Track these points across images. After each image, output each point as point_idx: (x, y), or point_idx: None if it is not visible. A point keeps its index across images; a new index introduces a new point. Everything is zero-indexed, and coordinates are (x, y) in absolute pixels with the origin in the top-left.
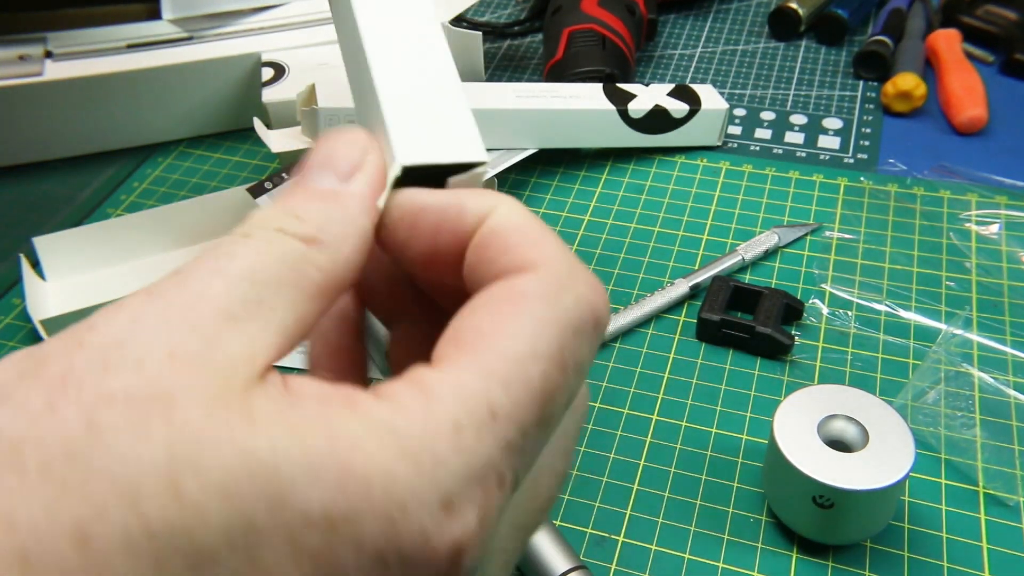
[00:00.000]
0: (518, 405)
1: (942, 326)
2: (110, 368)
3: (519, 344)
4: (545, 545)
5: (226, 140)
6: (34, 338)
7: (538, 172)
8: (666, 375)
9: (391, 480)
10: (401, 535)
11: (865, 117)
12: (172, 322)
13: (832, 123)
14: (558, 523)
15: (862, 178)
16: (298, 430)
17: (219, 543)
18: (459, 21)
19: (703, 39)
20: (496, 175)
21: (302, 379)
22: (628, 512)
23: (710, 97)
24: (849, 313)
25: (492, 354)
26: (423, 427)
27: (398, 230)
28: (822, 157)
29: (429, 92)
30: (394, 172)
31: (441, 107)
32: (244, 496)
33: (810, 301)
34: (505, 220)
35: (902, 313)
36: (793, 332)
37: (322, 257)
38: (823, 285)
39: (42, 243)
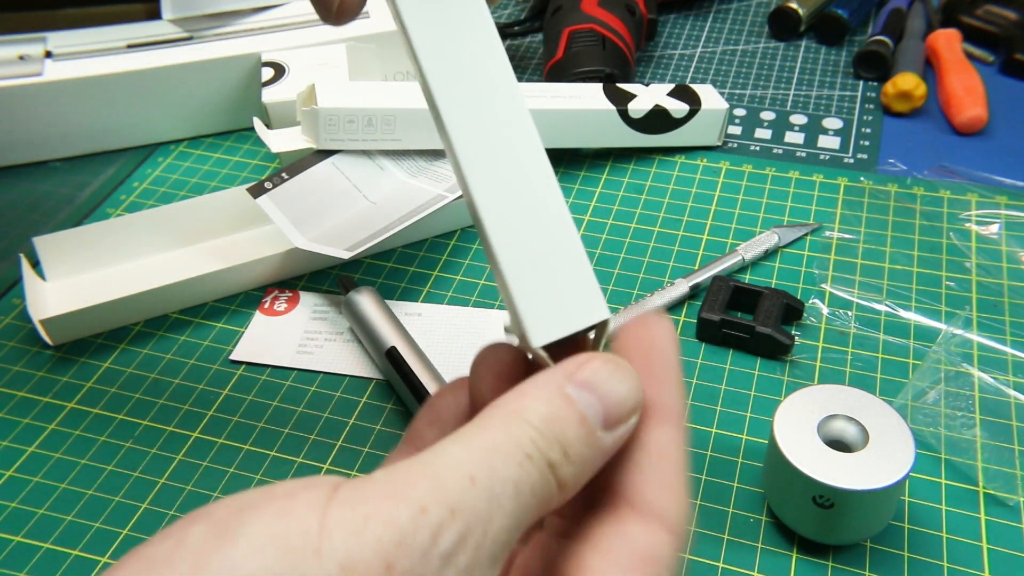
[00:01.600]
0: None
1: (942, 326)
2: None
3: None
4: None
5: (226, 140)
6: (34, 338)
7: None
8: None
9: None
10: None
11: (865, 117)
12: (447, 554)
13: (832, 123)
14: None
15: (862, 178)
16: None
17: None
18: None
19: (703, 39)
20: None
21: None
22: None
23: (710, 97)
24: (849, 313)
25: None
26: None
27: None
28: (822, 157)
29: (546, 245)
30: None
31: (560, 261)
32: None
33: (810, 301)
34: (671, 443)
35: (902, 313)
36: (793, 332)
37: (558, 499)
38: (823, 285)
39: (42, 243)
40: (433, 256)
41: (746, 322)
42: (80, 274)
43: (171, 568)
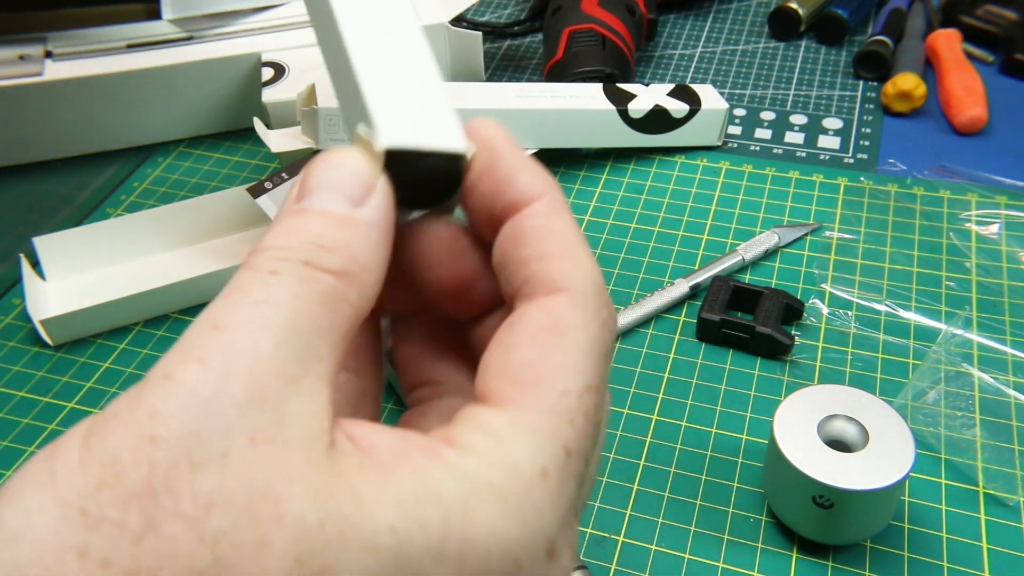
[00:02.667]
0: (583, 438)
1: (942, 326)
2: (196, 467)
3: (575, 379)
4: None
5: (226, 140)
6: (34, 338)
7: None
8: (666, 375)
9: (504, 541)
10: None
11: (865, 117)
12: (238, 398)
13: (832, 123)
14: None
15: (862, 178)
16: (409, 506)
17: None
18: (459, 21)
19: (703, 39)
20: None
21: (362, 429)
22: (628, 512)
23: (710, 97)
24: (849, 313)
25: (553, 392)
26: (517, 479)
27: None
28: (822, 157)
29: (410, 84)
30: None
31: (423, 98)
32: None
33: (810, 301)
34: (546, 220)
35: (902, 313)
36: (793, 332)
37: (352, 292)
38: (823, 285)
39: (42, 243)
40: None
41: (746, 322)
42: (80, 274)
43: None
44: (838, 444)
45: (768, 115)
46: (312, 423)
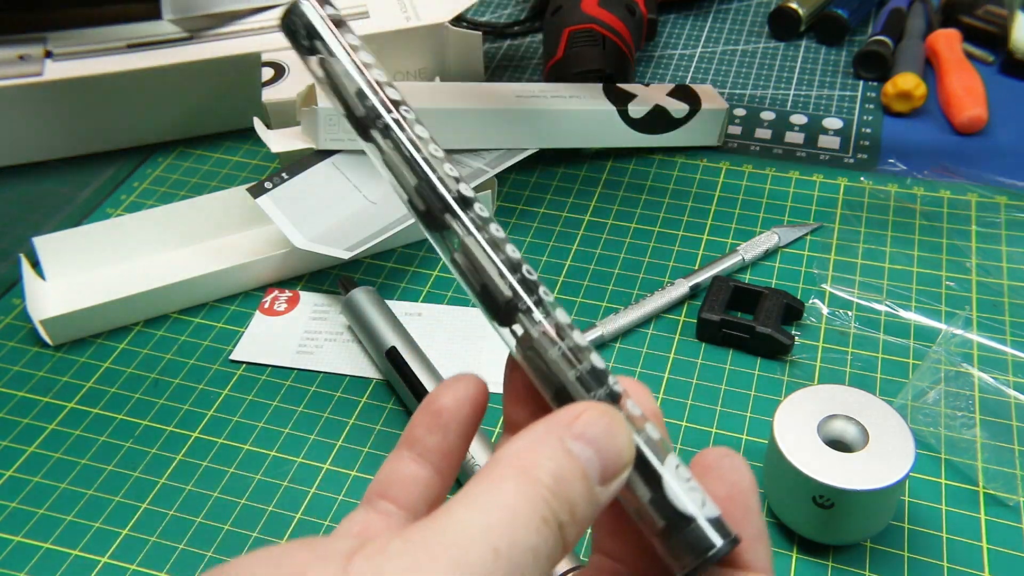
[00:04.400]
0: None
1: (942, 326)
2: None
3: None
4: None
5: (226, 140)
6: (34, 338)
7: (538, 172)
8: (666, 375)
9: None
10: None
11: (865, 117)
12: None
13: (832, 123)
14: None
15: (862, 178)
16: None
17: None
18: (459, 21)
19: (703, 39)
20: (496, 175)
21: None
22: None
23: (710, 97)
24: (849, 313)
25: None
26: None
27: None
28: (822, 157)
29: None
30: None
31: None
32: None
33: (810, 301)
34: None
35: (902, 313)
36: (793, 332)
37: (562, 552)
38: (823, 285)
39: (42, 243)
40: (433, 256)
41: (746, 322)
42: (80, 274)
43: None
44: (838, 444)
45: (768, 115)
46: None
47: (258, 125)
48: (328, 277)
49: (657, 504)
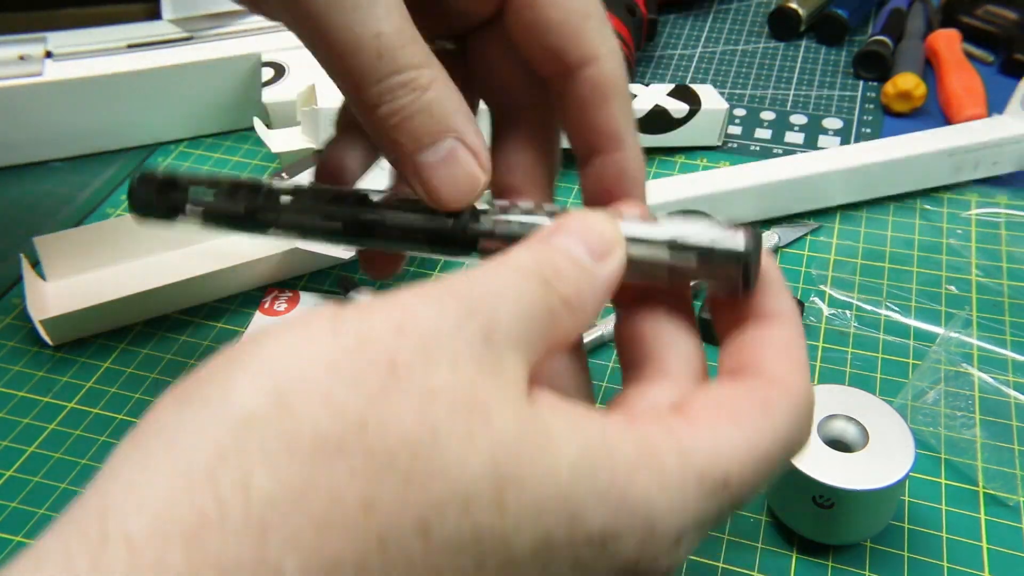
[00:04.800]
0: (744, 486)
1: (940, 329)
2: (431, 362)
3: (765, 444)
4: None
5: (226, 140)
6: (34, 338)
7: None
8: None
9: (651, 509)
10: (644, 553)
11: (865, 117)
12: (473, 332)
13: (832, 123)
14: None
15: None
16: (588, 452)
17: (526, 553)
18: None
19: (703, 39)
20: None
21: (552, 395)
22: None
23: (710, 97)
24: (849, 313)
25: (744, 441)
26: (681, 474)
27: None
28: None
29: None
30: None
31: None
32: (550, 513)
33: (810, 300)
34: (785, 334)
35: (901, 313)
36: None
37: (569, 321)
38: (822, 286)
39: (42, 243)
40: (433, 257)
41: None
42: (80, 274)
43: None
44: (838, 444)
45: (768, 115)
46: (520, 374)
47: (258, 125)
48: (328, 277)
49: (678, 250)
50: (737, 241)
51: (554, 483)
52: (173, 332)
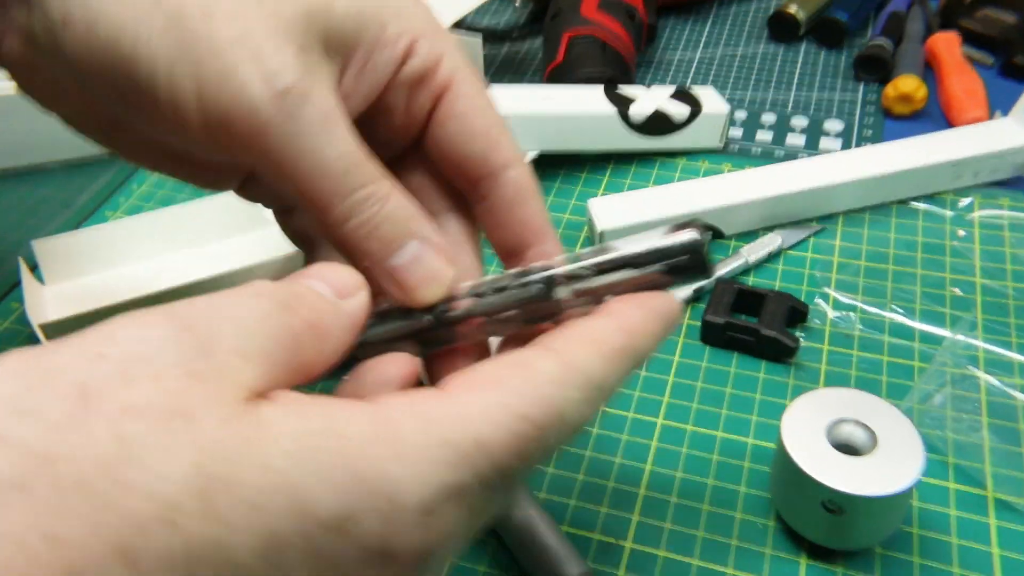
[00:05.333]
0: (505, 449)
1: (946, 332)
2: (129, 380)
3: (524, 406)
4: (552, 551)
5: None
6: (33, 342)
7: (539, 176)
8: (671, 378)
9: (389, 482)
10: (389, 530)
11: (866, 119)
12: (186, 345)
13: (833, 125)
14: (565, 529)
15: None
16: (307, 436)
17: (248, 555)
18: (458, 26)
19: (702, 43)
20: None
21: (292, 394)
22: (635, 517)
23: (711, 100)
24: (853, 315)
25: (497, 402)
26: (423, 441)
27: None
28: None
29: None
30: None
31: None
32: (269, 508)
33: (814, 302)
34: (601, 322)
35: (906, 316)
36: (797, 334)
37: (315, 346)
38: (826, 289)
39: (41, 247)
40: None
41: (750, 325)
42: (79, 278)
43: None
44: (847, 448)
45: (769, 117)
46: (245, 382)
47: None
48: None
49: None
50: (688, 238)
51: (268, 474)
52: None
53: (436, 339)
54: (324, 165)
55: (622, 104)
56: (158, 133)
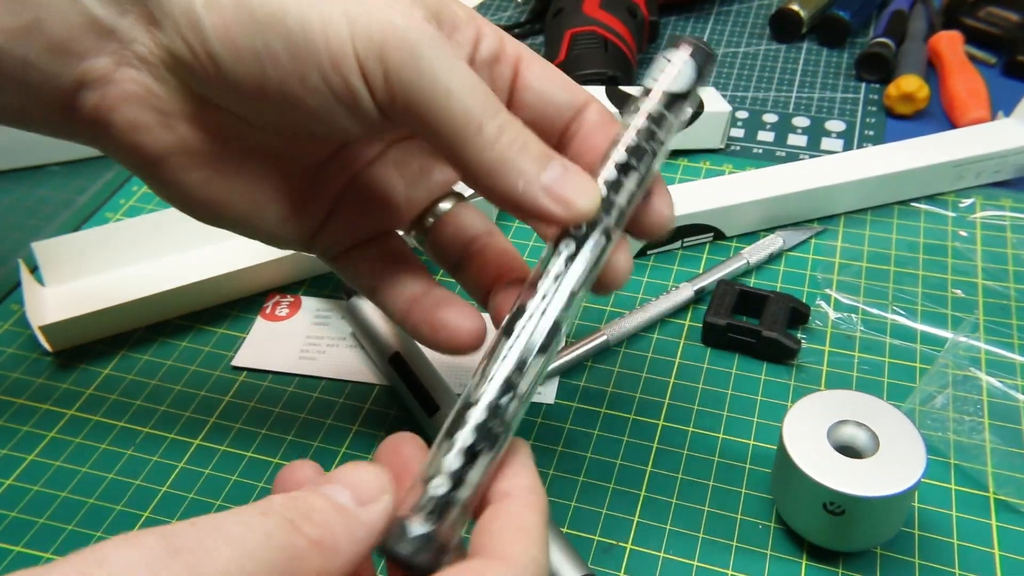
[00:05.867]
0: None
1: (948, 333)
2: None
3: None
4: (553, 553)
5: None
6: (33, 344)
7: None
8: (672, 380)
9: None
10: None
11: (868, 119)
12: (178, 570)
13: (835, 125)
14: (565, 531)
15: None
16: None
17: None
18: None
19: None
20: None
21: None
22: (636, 519)
23: (713, 100)
24: (855, 317)
25: None
26: None
27: None
28: None
29: None
30: None
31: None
32: None
33: (816, 304)
34: (514, 508)
35: (908, 317)
36: (799, 336)
37: (319, 562)
38: (828, 290)
39: (41, 248)
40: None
41: (752, 326)
42: (79, 279)
43: None
44: (848, 450)
45: (771, 117)
46: None
47: None
48: (330, 282)
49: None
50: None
51: None
52: (174, 338)
53: None
54: (473, 83)
55: (624, 103)
56: (289, 108)
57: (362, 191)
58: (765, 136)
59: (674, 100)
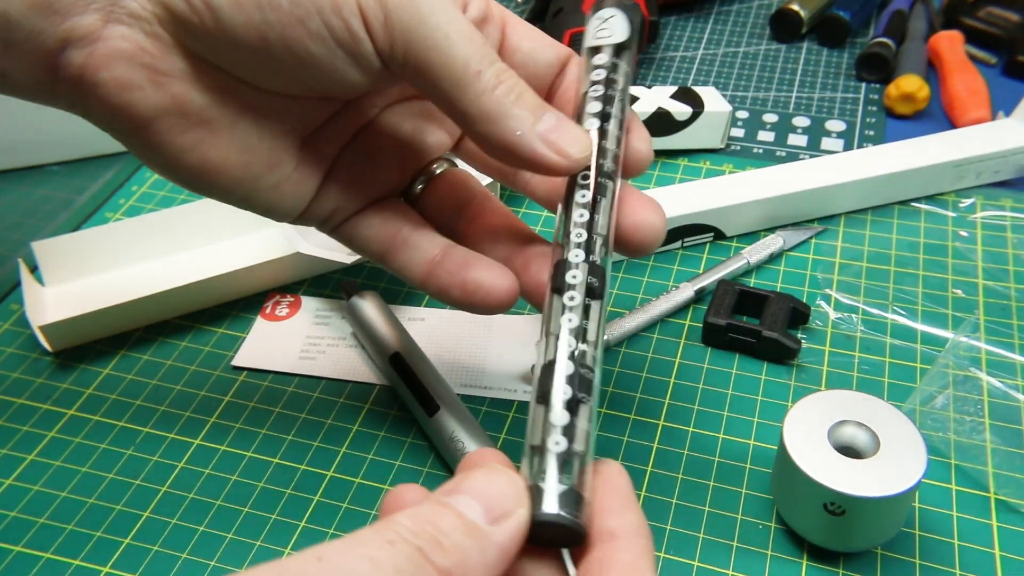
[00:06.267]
0: None
1: (948, 333)
2: None
3: None
4: None
5: None
6: (33, 344)
7: None
8: (672, 380)
9: None
10: None
11: (868, 119)
12: None
13: (835, 125)
14: None
15: None
16: None
17: None
18: None
19: (704, 41)
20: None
21: None
22: None
23: (713, 99)
24: (855, 317)
25: None
26: None
27: None
28: None
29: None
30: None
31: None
32: None
33: (816, 304)
34: (626, 558)
35: (908, 317)
36: (799, 336)
37: None
38: (828, 290)
39: (41, 248)
40: None
41: (752, 326)
42: (79, 279)
43: None
44: (849, 450)
45: (771, 117)
46: None
47: None
48: (330, 282)
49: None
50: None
51: None
52: (174, 337)
53: None
54: (470, 32)
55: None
56: (289, 58)
57: (356, 156)
58: (765, 136)
59: (621, 50)
